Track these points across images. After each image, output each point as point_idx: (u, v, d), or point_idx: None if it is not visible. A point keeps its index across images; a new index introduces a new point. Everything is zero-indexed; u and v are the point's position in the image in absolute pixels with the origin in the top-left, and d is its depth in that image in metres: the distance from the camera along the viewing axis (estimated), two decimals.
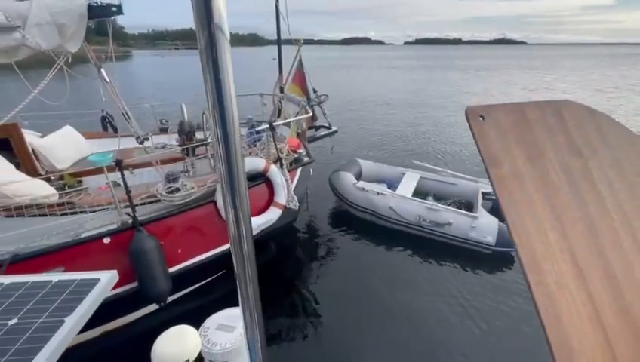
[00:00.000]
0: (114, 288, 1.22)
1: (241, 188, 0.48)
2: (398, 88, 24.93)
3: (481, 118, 0.57)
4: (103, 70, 4.25)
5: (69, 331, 0.93)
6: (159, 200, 3.53)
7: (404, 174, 6.57)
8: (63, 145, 5.12)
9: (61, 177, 4.56)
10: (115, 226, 3.26)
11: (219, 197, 3.56)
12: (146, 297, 3.27)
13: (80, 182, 4.67)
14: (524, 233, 0.53)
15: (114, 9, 3.59)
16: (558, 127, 0.61)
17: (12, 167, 3.46)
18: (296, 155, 4.59)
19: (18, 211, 3.01)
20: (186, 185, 3.58)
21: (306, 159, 4.71)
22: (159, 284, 3.24)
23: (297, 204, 4.21)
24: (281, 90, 6.06)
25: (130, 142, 5.01)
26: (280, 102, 5.95)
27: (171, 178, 3.55)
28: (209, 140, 4.91)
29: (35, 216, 3.07)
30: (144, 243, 3.15)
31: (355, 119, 14.17)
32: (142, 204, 3.46)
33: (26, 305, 1.07)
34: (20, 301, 1.08)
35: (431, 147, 10.48)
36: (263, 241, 4.50)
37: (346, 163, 6.89)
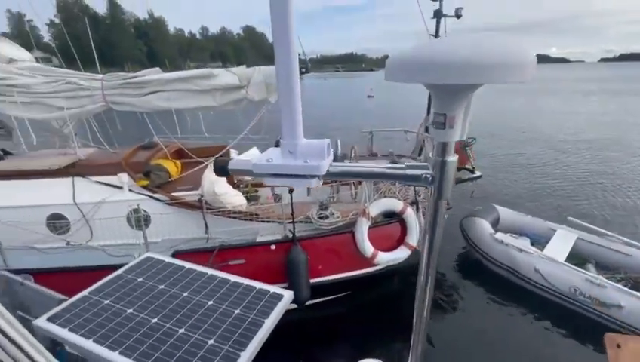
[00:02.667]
0: (271, 282, 1.77)
1: None
2: (578, 120, 20.58)
3: (617, 347, 0.60)
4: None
5: (267, 330, 1.45)
6: (311, 222, 4.36)
7: (554, 231, 5.68)
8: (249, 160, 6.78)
9: (246, 185, 6.10)
10: (279, 237, 4.24)
11: (358, 230, 4.14)
12: (295, 298, 4.10)
13: (256, 191, 6.13)
14: None
15: (303, 70, 4.68)
16: None
17: (224, 179, 4.92)
18: None
19: (224, 214, 4.32)
20: (333, 214, 4.29)
21: None
22: (303, 290, 4.01)
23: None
24: (427, 129, 6.29)
25: None
26: (423, 141, 6.18)
27: (323, 206, 4.33)
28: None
29: (233, 218, 4.33)
30: (298, 255, 3.99)
31: (506, 158, 12.67)
32: (298, 222, 4.36)
33: (238, 299, 1.68)
34: (235, 295, 1.70)
35: (598, 204, 8.51)
36: (387, 275, 4.84)
37: (482, 208, 6.47)
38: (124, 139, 6.11)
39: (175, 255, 3.85)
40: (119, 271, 1.93)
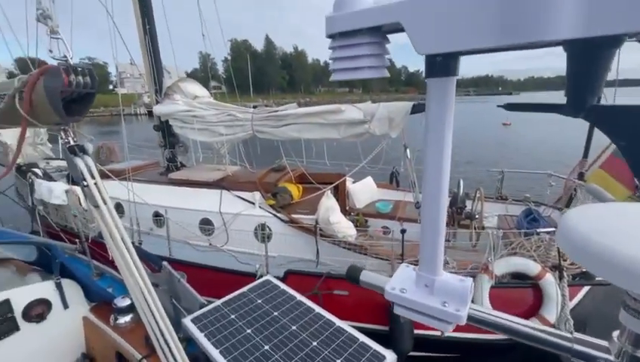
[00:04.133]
0: (373, 322, 1.67)
1: None
2: None
3: None
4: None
5: None
6: None
7: None
8: (363, 191, 6.89)
9: (357, 214, 6.22)
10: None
11: (477, 289, 3.63)
12: (395, 347, 3.87)
13: (366, 221, 6.17)
14: None
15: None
16: None
17: (338, 207, 5.14)
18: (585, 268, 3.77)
19: (335, 242, 4.49)
20: (448, 263, 3.91)
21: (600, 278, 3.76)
22: (405, 340, 3.75)
23: (572, 330, 3.46)
24: (580, 176, 5.14)
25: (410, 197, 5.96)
26: (575, 190, 5.07)
27: None
28: (476, 216, 5.03)
29: (343, 248, 4.46)
30: None
31: None
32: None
33: (340, 349, 1.68)
34: (337, 342, 1.72)
35: None
36: (507, 347, 4.06)
37: None
38: (261, 161, 7.14)
39: (287, 274, 4.19)
40: (244, 289, 2.22)
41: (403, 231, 3.84)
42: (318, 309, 1.99)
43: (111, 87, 73.81)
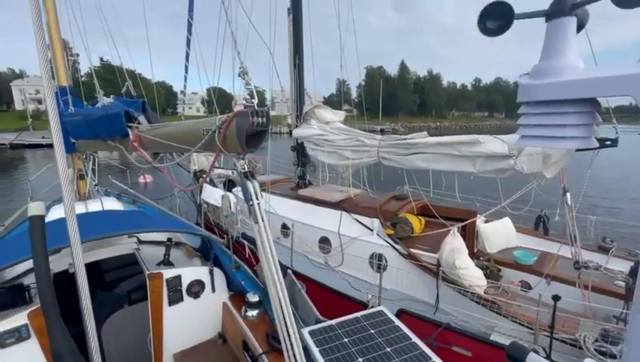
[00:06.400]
0: None
1: None
2: None
3: None
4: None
5: None
6: (580, 348, 3.12)
7: None
8: (498, 233, 5.92)
9: (488, 259, 5.35)
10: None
11: None
12: None
13: (499, 270, 5.23)
14: None
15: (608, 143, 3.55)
16: None
17: (466, 250, 4.54)
18: None
19: (460, 289, 3.94)
20: None
21: None
22: None
23: None
24: None
25: (562, 249, 4.78)
26: None
27: (613, 333, 3.00)
28: None
29: (471, 300, 3.86)
30: None
31: None
32: (559, 340, 3.23)
33: None
34: None
35: None
36: None
37: None
38: (384, 186, 7.05)
39: (401, 313, 3.90)
40: (358, 315, 2.25)
41: (556, 299, 3.05)
42: (434, 358, 1.82)
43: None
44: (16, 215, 6.03)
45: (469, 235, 5.38)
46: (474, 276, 4.00)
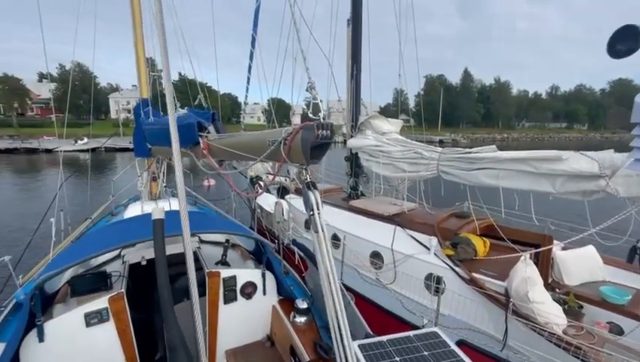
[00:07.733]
0: None
1: None
2: None
3: None
4: None
5: None
6: None
7: None
8: (579, 263, 5.11)
9: (566, 293, 4.62)
10: None
11: None
12: None
13: (581, 307, 4.47)
14: None
15: None
16: None
17: (541, 281, 3.97)
18: None
19: (535, 326, 3.44)
20: None
21: None
22: None
23: None
24: None
25: None
26: None
27: None
28: None
29: (548, 341, 3.32)
30: None
31: None
32: None
33: None
34: None
35: None
36: None
37: None
38: (442, 201, 6.58)
39: (461, 345, 3.53)
40: (410, 334, 2.13)
41: None
42: None
43: None
44: (101, 209, 6.81)
45: (544, 263, 4.72)
46: (551, 312, 3.47)
